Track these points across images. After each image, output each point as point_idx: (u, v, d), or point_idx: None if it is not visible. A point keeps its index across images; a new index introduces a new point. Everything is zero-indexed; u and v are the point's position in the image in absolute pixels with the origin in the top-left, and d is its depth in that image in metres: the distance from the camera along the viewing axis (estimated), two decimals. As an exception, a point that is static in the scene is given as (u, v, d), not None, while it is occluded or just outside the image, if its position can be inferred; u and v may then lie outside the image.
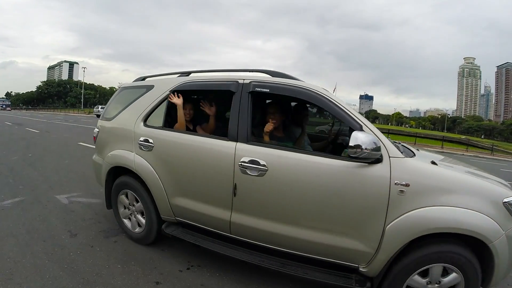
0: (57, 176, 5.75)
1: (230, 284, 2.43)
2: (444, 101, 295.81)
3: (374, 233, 1.94)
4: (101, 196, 4.48)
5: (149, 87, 3.00)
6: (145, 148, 2.75)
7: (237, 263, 2.60)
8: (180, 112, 2.74)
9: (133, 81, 3.45)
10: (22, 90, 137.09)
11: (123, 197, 3.08)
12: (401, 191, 1.87)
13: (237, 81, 2.44)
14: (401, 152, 2.04)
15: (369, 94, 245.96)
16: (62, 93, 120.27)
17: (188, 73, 2.92)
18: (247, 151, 2.23)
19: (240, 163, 2.22)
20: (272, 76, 2.44)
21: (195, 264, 2.70)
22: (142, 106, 2.94)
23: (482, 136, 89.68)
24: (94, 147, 3.62)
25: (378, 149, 1.87)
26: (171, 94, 2.75)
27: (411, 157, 2.11)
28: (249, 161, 2.18)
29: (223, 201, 2.36)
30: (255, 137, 2.41)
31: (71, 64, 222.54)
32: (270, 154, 2.18)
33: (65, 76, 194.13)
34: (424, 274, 1.96)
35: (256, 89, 2.34)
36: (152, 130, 2.79)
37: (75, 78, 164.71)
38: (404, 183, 1.87)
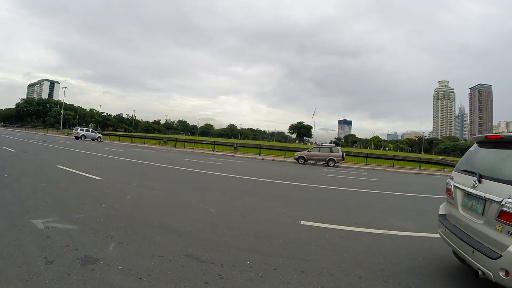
0: (34, 199, 5.62)
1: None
2: (420, 123, 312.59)
3: None
4: (78, 223, 4.46)
5: None
6: None
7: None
8: None
9: None
10: (0, 107, 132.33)
11: None
12: None
13: None
14: None
15: (347, 119, 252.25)
16: (41, 112, 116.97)
17: None
18: None
19: None
20: None
21: (172, 294, 2.75)
22: None
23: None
24: (73, 170, 3.67)
25: None
26: None
27: None
28: None
29: None
30: None
31: (52, 83, 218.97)
32: None
33: (45, 95, 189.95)
34: None
35: None
36: None
37: (55, 98, 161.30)
38: None
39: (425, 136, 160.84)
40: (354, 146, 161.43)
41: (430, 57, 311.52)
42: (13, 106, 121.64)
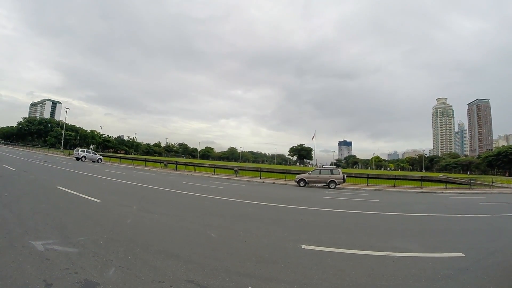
0: (33, 220, 5.60)
1: None
2: (420, 141, 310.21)
3: None
4: (78, 246, 4.42)
5: None
6: None
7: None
8: None
9: None
10: (2, 124, 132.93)
11: None
12: None
13: None
14: None
15: (347, 140, 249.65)
16: (42, 131, 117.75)
17: None
18: None
19: None
20: None
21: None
22: None
23: (468, 173, 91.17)
24: (73, 192, 3.71)
25: None
26: None
27: None
28: None
29: None
30: None
31: (54, 103, 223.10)
32: None
33: (47, 115, 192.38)
34: None
35: None
36: None
37: (57, 118, 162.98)
38: None
39: (426, 154, 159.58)
40: (354, 167, 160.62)
41: (427, 75, 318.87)
42: (15, 124, 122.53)
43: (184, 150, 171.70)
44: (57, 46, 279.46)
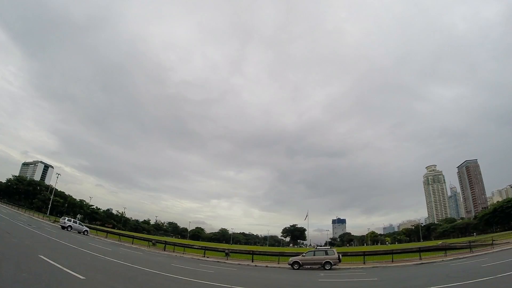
0: (12, 292, 5.03)
1: None
2: (415, 211, 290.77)
3: None
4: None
5: None
6: None
7: None
8: None
9: None
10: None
11: None
12: None
13: None
14: None
15: (341, 218, 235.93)
16: (31, 193, 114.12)
17: None
18: None
19: None
20: None
21: None
22: None
23: (475, 234, 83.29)
24: (56, 264, 3.40)
25: None
26: None
27: None
28: None
29: None
30: None
31: (46, 167, 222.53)
32: None
33: (37, 177, 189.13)
34: None
35: None
36: None
37: (47, 182, 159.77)
38: None
39: (422, 223, 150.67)
40: (350, 244, 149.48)
41: (414, 146, 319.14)
42: (3, 180, 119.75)
43: (174, 229, 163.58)
44: (57, 111, 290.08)
